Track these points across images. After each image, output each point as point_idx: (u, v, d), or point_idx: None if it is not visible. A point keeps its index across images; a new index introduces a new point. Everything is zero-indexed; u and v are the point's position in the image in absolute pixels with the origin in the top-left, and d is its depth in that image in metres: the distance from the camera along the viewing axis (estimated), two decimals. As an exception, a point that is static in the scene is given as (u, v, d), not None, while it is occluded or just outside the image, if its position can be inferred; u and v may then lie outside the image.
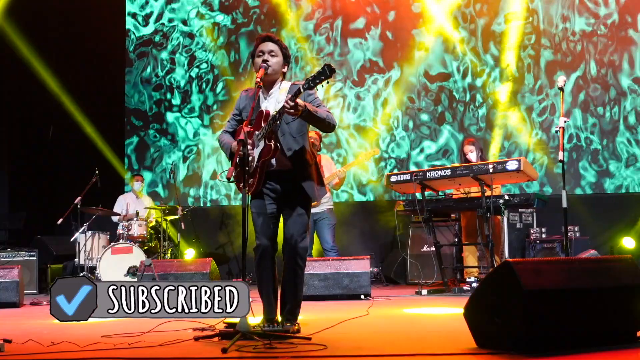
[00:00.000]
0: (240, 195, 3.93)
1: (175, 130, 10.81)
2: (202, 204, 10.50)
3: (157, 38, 10.97)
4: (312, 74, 3.69)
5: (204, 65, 10.76)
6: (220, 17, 10.74)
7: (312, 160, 4.08)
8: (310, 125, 4.10)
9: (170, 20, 10.96)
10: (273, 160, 3.98)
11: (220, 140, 4.23)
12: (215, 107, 10.65)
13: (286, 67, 4.10)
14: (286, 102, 3.69)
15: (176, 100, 10.86)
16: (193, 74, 10.80)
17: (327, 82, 3.68)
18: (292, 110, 3.69)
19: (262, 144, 3.94)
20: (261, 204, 4.05)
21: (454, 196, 7.41)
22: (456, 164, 7.60)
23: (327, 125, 3.97)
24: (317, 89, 3.83)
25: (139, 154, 10.93)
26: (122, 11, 11.13)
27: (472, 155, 7.35)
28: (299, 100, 3.71)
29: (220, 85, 10.66)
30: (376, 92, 9.99)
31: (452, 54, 9.75)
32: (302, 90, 3.72)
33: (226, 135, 4.21)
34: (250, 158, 3.87)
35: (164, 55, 10.93)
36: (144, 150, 10.92)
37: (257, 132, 3.95)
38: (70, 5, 10.92)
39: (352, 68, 10.10)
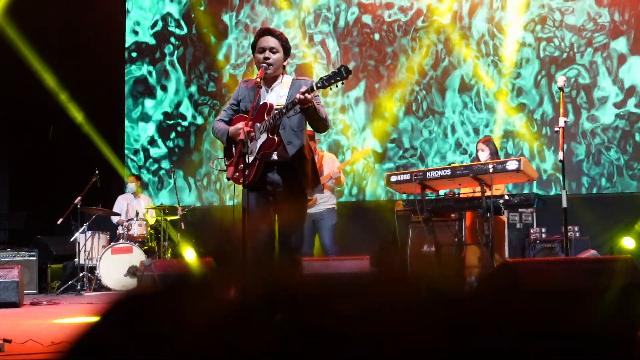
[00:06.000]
0: (240, 195, 3.91)
1: (176, 130, 10.82)
2: (202, 204, 10.49)
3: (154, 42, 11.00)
4: (327, 74, 3.72)
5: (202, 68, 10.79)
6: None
7: (309, 155, 4.09)
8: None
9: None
10: (273, 153, 3.99)
11: (215, 128, 4.19)
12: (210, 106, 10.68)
13: (286, 61, 4.11)
14: (302, 93, 3.71)
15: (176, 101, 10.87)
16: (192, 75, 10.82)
17: (342, 84, 3.71)
18: (303, 103, 3.73)
19: (264, 137, 3.94)
20: (258, 199, 4.03)
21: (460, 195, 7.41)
22: (457, 164, 7.59)
23: (324, 125, 4.01)
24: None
25: (139, 153, 10.93)
26: (123, 11, 11.12)
27: (482, 155, 7.28)
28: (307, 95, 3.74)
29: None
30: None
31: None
32: (315, 88, 3.73)
33: (220, 123, 4.18)
34: (250, 150, 3.87)
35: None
36: (144, 150, 10.91)
37: (258, 124, 3.94)
38: (70, 5, 10.92)
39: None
